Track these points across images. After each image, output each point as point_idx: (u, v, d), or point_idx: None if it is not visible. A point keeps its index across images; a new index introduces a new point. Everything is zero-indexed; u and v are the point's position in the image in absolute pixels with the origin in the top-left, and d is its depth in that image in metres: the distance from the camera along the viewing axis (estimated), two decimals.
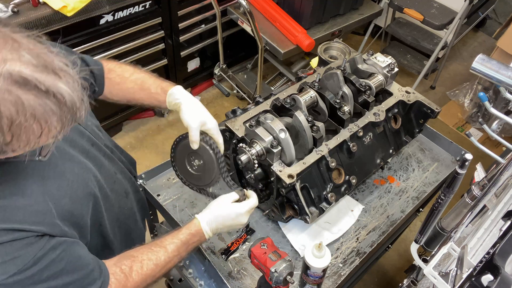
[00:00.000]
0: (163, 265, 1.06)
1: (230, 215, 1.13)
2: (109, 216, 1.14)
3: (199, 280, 1.50)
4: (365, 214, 1.51)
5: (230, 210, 1.13)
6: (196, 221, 1.13)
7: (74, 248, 0.93)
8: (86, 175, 1.03)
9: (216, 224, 1.13)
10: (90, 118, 1.16)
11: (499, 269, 0.82)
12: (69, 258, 0.90)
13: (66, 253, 0.89)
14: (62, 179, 0.95)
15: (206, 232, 1.12)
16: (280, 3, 3.02)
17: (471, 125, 3.52)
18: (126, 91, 1.25)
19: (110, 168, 1.18)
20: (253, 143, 1.26)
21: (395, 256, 2.65)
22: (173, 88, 1.20)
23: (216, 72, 3.39)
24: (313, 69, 1.69)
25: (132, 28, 2.57)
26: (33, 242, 0.83)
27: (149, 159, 2.95)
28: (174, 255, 1.08)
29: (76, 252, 0.93)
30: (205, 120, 1.16)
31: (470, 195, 1.27)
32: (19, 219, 0.82)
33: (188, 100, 1.18)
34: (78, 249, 0.95)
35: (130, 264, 1.02)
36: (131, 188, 1.32)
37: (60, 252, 0.88)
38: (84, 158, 1.04)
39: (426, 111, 1.51)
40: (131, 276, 1.01)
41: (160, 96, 1.21)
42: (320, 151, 1.28)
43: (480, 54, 1.31)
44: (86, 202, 1.01)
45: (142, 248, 1.07)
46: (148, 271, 1.03)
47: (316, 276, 1.19)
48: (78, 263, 0.92)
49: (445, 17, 3.24)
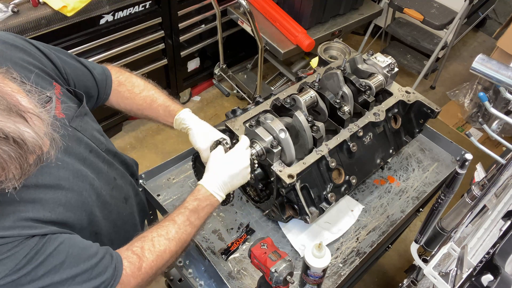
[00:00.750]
0: (176, 238, 1.03)
1: (230, 164, 1.12)
2: (106, 223, 1.11)
3: (199, 280, 1.50)
4: (365, 214, 1.51)
5: (227, 159, 1.12)
6: (199, 186, 1.11)
7: (74, 240, 0.90)
8: (82, 184, 1.00)
9: (222, 179, 1.10)
10: (91, 122, 1.15)
11: (499, 269, 0.82)
12: (69, 250, 0.87)
13: (64, 245, 0.86)
14: (56, 187, 0.93)
15: (214, 192, 1.10)
16: (280, 3, 3.02)
17: (471, 125, 3.52)
18: (135, 106, 1.29)
19: (109, 174, 1.16)
20: (253, 143, 1.26)
21: (395, 256, 2.65)
22: (180, 113, 1.26)
23: (216, 72, 3.39)
24: (313, 69, 1.69)
25: (132, 28, 2.57)
26: (23, 242, 0.82)
27: (149, 159, 2.95)
28: (185, 225, 1.05)
29: (77, 244, 0.90)
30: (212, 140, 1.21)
31: (470, 195, 1.27)
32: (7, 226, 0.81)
33: (195, 125, 1.25)
34: (79, 241, 0.92)
35: (141, 244, 1.00)
36: (132, 191, 1.31)
37: (58, 245, 0.85)
38: (81, 166, 1.02)
39: (426, 111, 1.51)
40: (144, 255, 0.98)
41: (168, 119, 1.28)
42: (320, 151, 1.28)
43: (480, 54, 1.31)
44: (80, 212, 0.99)
45: (151, 228, 1.05)
46: (161, 247, 1.01)
47: (316, 276, 1.19)
48: (82, 255, 0.89)
49: (445, 17, 3.24)
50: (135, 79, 1.30)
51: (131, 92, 1.28)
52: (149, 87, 1.30)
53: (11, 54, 0.96)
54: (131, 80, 1.30)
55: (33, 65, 0.99)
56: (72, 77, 1.13)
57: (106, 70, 1.26)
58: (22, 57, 0.98)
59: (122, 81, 1.28)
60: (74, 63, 1.16)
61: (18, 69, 0.88)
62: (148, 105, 1.28)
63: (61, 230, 0.90)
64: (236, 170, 1.12)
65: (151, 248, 1.00)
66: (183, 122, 1.25)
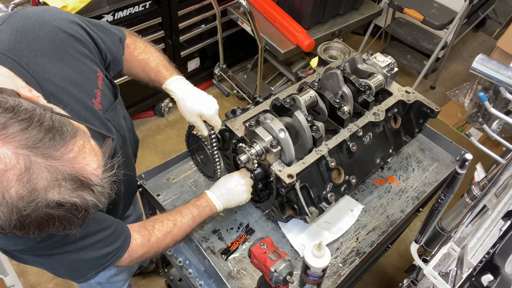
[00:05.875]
0: (179, 227, 1.23)
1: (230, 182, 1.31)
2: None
3: (199, 280, 1.50)
4: (365, 214, 1.51)
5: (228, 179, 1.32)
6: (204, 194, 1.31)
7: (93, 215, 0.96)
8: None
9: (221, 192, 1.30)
10: (120, 110, 1.23)
11: (499, 269, 0.82)
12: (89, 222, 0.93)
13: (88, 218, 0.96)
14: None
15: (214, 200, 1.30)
16: (280, 3, 3.02)
17: (471, 125, 3.52)
18: (133, 69, 1.29)
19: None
20: (253, 143, 1.26)
21: (395, 256, 2.65)
22: (167, 82, 1.24)
23: (216, 72, 3.39)
24: (313, 69, 1.69)
25: (132, 28, 2.57)
26: None
27: (149, 159, 2.95)
28: (188, 224, 1.25)
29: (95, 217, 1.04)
30: (200, 111, 1.21)
31: (470, 195, 1.27)
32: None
33: (182, 95, 1.23)
34: (97, 214, 1.04)
35: (153, 223, 1.21)
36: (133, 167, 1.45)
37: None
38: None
39: (426, 111, 1.51)
40: (154, 232, 1.19)
41: (158, 85, 1.28)
42: (319, 151, 1.28)
43: (480, 54, 1.31)
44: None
45: (163, 213, 1.27)
46: (168, 228, 1.21)
47: (316, 276, 1.19)
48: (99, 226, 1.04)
49: (445, 17, 3.24)
50: (138, 42, 1.29)
51: (131, 55, 1.27)
52: (147, 50, 1.28)
53: (68, 44, 1.02)
54: (135, 43, 1.29)
55: (84, 55, 1.06)
56: (109, 55, 1.18)
57: (123, 31, 1.27)
58: (76, 47, 1.04)
59: (127, 43, 1.27)
60: (111, 40, 1.19)
61: (72, 61, 1.01)
62: (142, 68, 1.27)
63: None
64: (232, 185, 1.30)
65: (160, 227, 1.20)
66: (170, 92, 1.24)
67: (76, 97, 1.01)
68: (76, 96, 1.01)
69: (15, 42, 0.92)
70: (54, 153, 0.72)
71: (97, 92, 1.08)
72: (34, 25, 0.96)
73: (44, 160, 0.70)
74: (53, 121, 0.73)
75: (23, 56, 0.92)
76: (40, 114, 0.72)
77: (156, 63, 1.26)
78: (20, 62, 0.91)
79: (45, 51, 0.96)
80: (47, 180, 0.70)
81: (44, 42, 0.96)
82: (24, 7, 1.03)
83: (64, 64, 0.99)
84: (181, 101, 1.22)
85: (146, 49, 1.28)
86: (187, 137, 1.38)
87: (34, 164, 0.69)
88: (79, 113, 1.03)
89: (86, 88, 1.04)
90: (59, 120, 0.75)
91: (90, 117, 1.06)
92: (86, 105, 1.04)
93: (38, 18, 0.98)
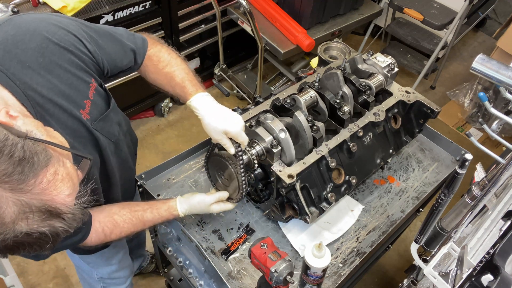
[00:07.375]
0: (137, 231, 1.28)
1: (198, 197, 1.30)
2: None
3: (199, 280, 1.50)
4: (365, 214, 1.51)
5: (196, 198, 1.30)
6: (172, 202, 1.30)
7: None
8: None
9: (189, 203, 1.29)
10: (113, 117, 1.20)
11: (499, 269, 0.82)
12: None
13: None
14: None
15: (180, 211, 1.29)
16: (280, 3, 3.02)
17: (471, 125, 3.52)
18: (158, 82, 1.28)
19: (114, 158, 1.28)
20: (253, 143, 1.26)
21: (395, 256, 2.65)
22: (192, 99, 1.22)
23: (216, 72, 3.39)
24: (313, 69, 1.69)
25: (132, 28, 2.57)
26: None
27: (149, 159, 2.95)
28: (148, 226, 1.29)
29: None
30: (225, 128, 1.17)
31: (470, 195, 1.27)
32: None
33: (205, 112, 1.20)
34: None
35: (112, 228, 1.22)
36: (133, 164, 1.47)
37: None
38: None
39: (426, 111, 1.51)
40: (110, 237, 1.23)
41: (183, 100, 1.26)
42: (320, 151, 1.28)
43: (480, 54, 1.31)
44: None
45: (126, 215, 1.25)
46: (124, 234, 1.26)
47: (316, 276, 1.19)
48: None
49: (445, 17, 3.24)
50: (162, 53, 1.27)
51: (156, 67, 1.25)
52: (172, 63, 1.26)
53: (59, 56, 1.00)
54: (159, 54, 1.27)
55: (77, 66, 1.04)
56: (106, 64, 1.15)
57: (146, 42, 1.25)
58: (69, 58, 1.02)
59: (150, 55, 1.26)
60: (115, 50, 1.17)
61: (61, 72, 1.00)
62: (167, 81, 1.25)
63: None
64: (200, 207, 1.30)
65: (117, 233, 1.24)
66: (194, 110, 1.22)
67: (63, 107, 1.00)
68: (63, 107, 1.00)
69: (3, 52, 0.92)
70: (23, 187, 0.73)
71: (87, 102, 1.07)
72: (25, 35, 0.96)
73: (12, 195, 0.72)
74: (24, 151, 0.74)
75: (11, 67, 0.92)
76: (11, 145, 0.73)
77: (182, 77, 1.24)
78: (7, 72, 0.91)
79: (33, 63, 0.95)
80: (15, 214, 0.73)
81: (33, 54, 0.96)
82: (20, 15, 1.02)
83: (53, 76, 0.98)
84: (206, 119, 1.19)
85: (171, 61, 1.26)
86: (206, 158, 1.35)
87: (1, 199, 0.71)
88: (66, 123, 1.02)
89: (75, 99, 1.04)
90: (31, 150, 0.75)
91: (77, 127, 1.06)
92: (74, 115, 1.03)
93: (30, 28, 0.97)
